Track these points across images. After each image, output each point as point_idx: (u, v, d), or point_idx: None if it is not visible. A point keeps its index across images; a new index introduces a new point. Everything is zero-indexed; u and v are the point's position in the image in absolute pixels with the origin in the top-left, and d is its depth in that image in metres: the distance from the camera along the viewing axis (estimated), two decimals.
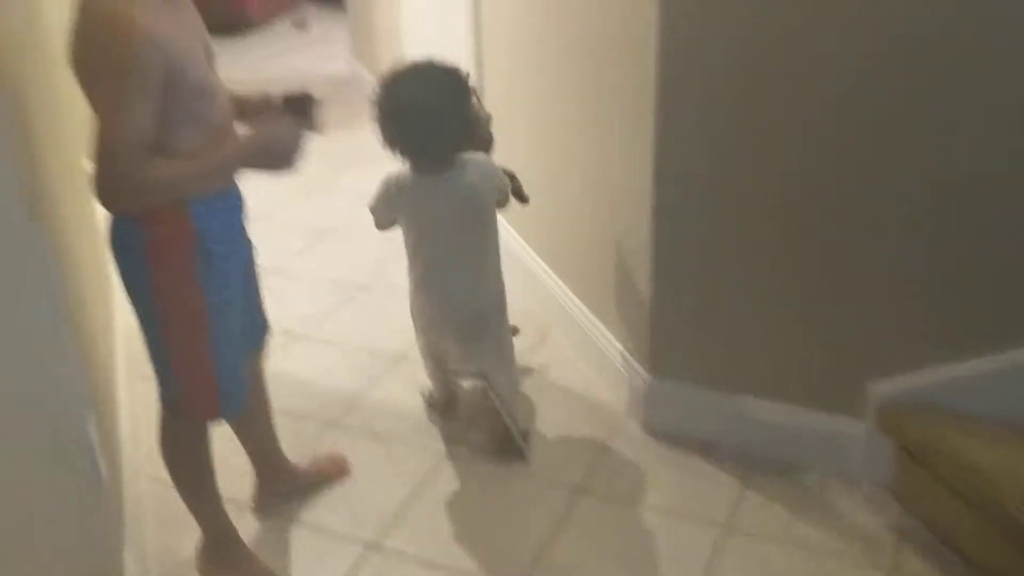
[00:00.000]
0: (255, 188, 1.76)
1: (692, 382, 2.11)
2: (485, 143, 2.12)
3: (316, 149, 1.75)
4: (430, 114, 1.89)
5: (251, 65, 5.27)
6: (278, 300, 2.22)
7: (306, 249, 3.19)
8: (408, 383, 2.42)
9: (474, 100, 1.96)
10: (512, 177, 2.15)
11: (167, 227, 1.54)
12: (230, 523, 1.82)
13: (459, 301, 2.06)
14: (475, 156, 2.03)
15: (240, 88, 1.72)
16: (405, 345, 2.50)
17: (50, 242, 1.60)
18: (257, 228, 1.78)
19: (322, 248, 3.20)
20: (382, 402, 2.36)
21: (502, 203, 2.08)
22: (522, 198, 2.21)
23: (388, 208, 2.02)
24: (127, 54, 1.37)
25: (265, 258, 1.90)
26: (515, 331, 2.31)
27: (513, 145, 2.66)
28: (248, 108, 1.71)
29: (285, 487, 2.01)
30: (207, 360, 1.63)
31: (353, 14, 4.75)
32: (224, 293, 1.62)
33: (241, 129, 1.63)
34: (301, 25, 5.92)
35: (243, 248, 1.71)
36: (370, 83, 4.59)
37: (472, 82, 1.95)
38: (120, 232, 1.54)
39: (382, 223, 2.05)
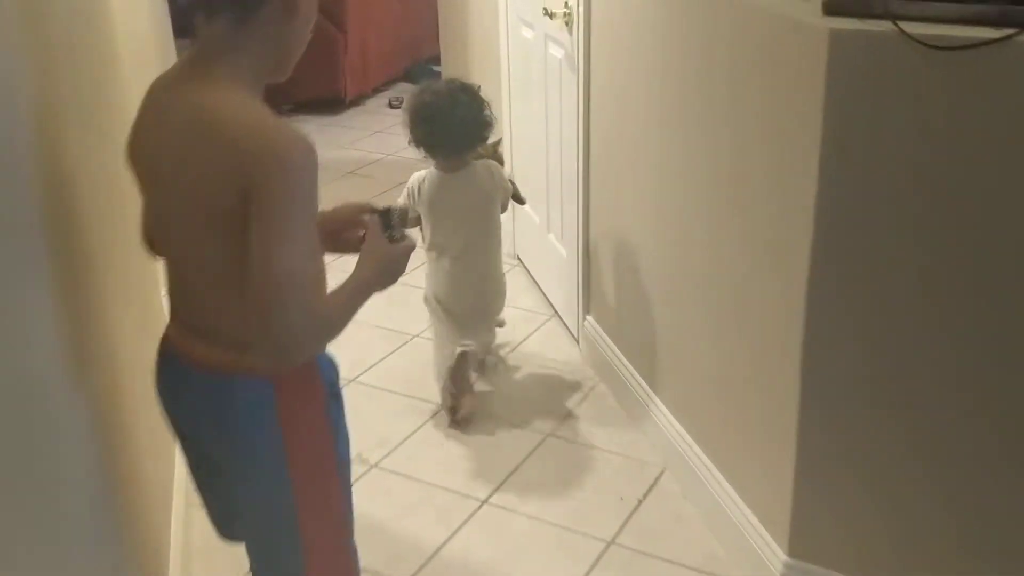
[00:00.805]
0: None
1: (841, 572, 1.80)
2: (505, 205, 2.65)
3: None
4: (452, 118, 2.39)
5: (347, 143, 5.18)
6: None
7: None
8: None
9: (487, 111, 2.46)
10: (512, 183, 2.71)
11: (299, 379, 1.34)
12: None
13: (470, 280, 2.56)
14: (487, 162, 2.57)
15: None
16: None
17: (98, 414, 1.39)
18: None
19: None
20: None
21: (504, 206, 2.62)
22: (519, 200, 2.78)
23: (412, 201, 2.50)
24: (302, 173, 1.19)
25: None
26: (501, 323, 2.90)
27: (626, 247, 2.42)
28: (337, 224, 1.55)
29: None
30: (347, 551, 1.47)
31: None
32: (347, 455, 1.46)
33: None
34: (397, 104, 5.80)
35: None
36: None
37: (484, 95, 2.49)
38: (236, 393, 1.32)
39: (410, 218, 2.46)
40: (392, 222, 1.50)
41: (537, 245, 3.36)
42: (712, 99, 2.00)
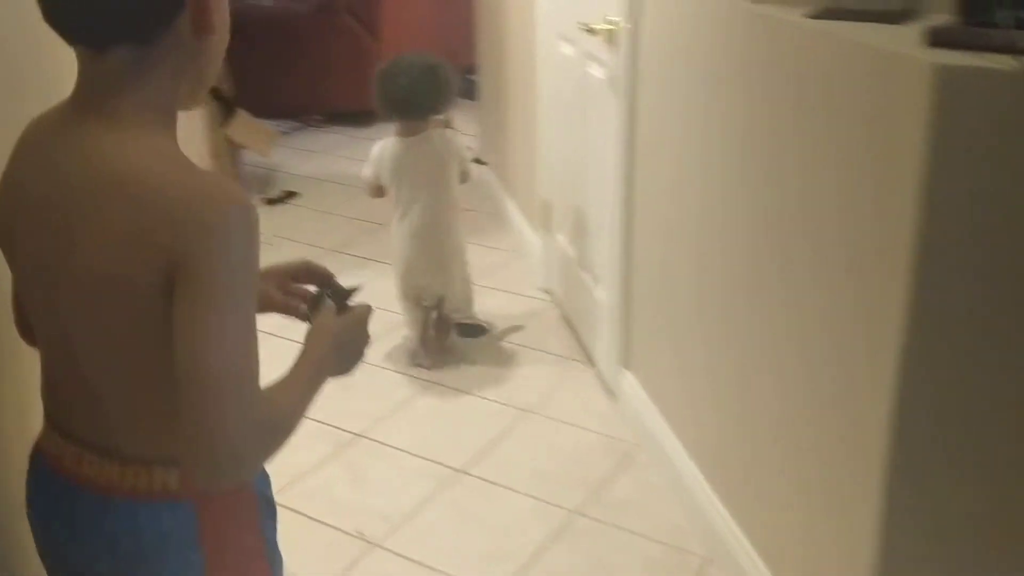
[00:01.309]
0: None
1: None
2: (464, 175, 2.89)
3: None
4: (417, 81, 2.71)
5: None
6: None
7: None
8: None
9: (448, 82, 2.81)
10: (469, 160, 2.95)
11: (226, 494, 1.07)
12: None
13: (431, 236, 2.80)
14: (442, 130, 2.86)
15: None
16: None
17: None
18: None
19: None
20: None
21: (464, 177, 2.88)
22: (467, 176, 2.92)
23: (378, 168, 2.81)
24: (241, 241, 0.93)
25: None
26: (483, 330, 3.11)
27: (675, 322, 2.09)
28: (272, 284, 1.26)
29: None
30: None
31: (484, 119, 4.28)
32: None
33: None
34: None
35: None
36: (497, 190, 4.10)
37: (450, 71, 2.82)
38: (144, 520, 1.03)
39: (373, 186, 2.85)
40: (346, 302, 1.23)
41: (570, 281, 3.04)
42: (781, 138, 1.66)
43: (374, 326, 1.21)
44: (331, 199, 4.36)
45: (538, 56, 3.09)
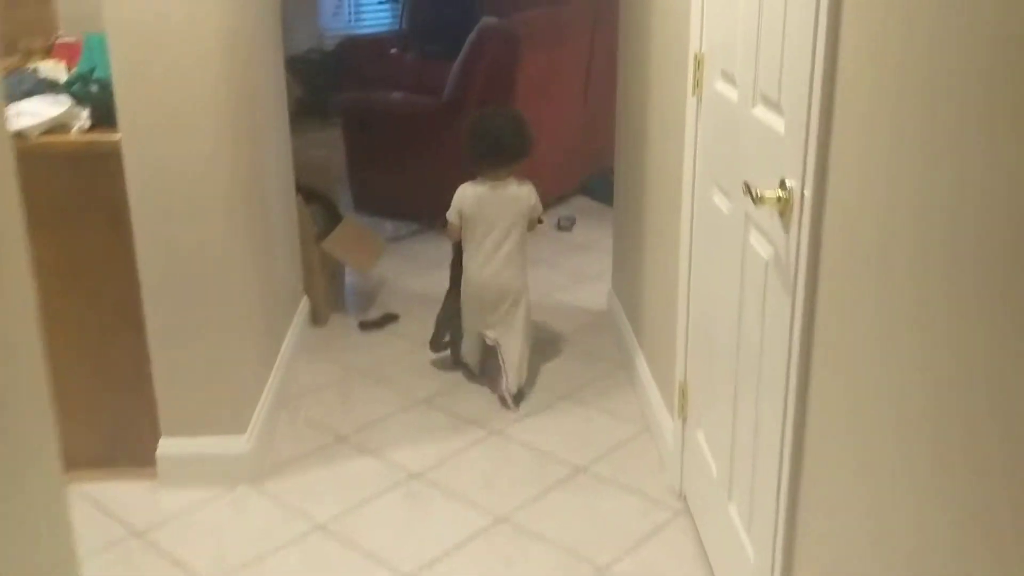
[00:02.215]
0: None
1: None
2: (531, 224, 3.20)
3: None
4: (510, 132, 3.06)
5: None
6: None
7: None
8: None
9: (530, 133, 3.10)
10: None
11: None
12: None
13: (501, 276, 3.08)
14: (524, 180, 3.12)
15: None
16: None
17: None
18: None
19: None
20: None
21: (531, 225, 3.17)
22: (539, 220, 3.22)
23: (461, 209, 3.06)
24: None
25: None
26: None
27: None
28: None
29: None
30: None
31: (619, 239, 3.60)
32: None
33: None
34: (567, 227, 4.88)
35: None
36: (626, 328, 3.41)
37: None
38: None
39: (454, 228, 3.13)
40: None
41: (709, 501, 2.29)
42: None
43: None
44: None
45: (684, 196, 2.40)
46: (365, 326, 3.74)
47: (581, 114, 5.16)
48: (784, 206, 1.64)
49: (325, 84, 7.49)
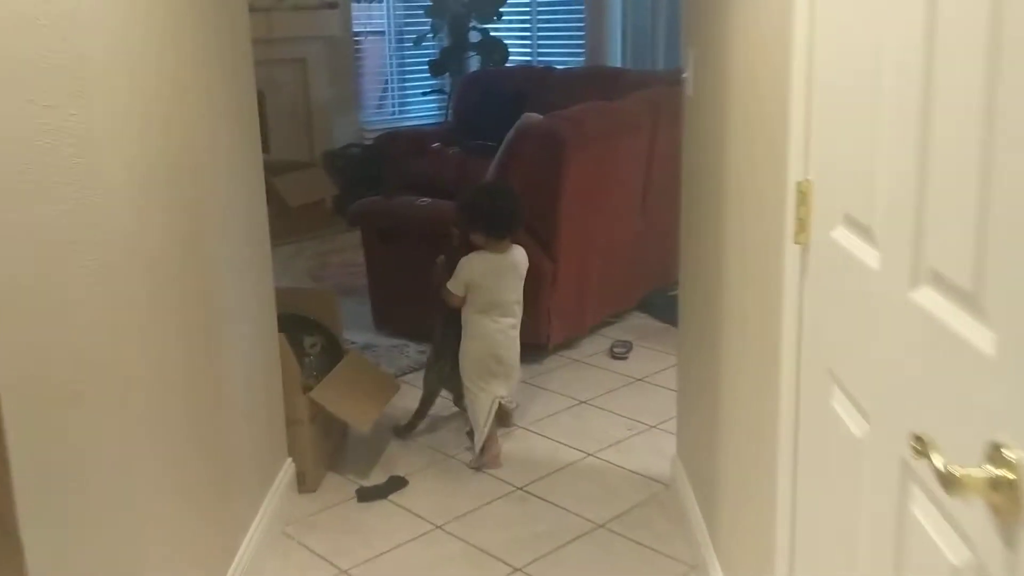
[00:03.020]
0: None
1: None
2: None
3: None
4: (514, 203, 3.24)
5: (537, 418, 3.54)
6: None
7: None
8: None
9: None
10: None
11: None
12: None
13: (509, 339, 3.25)
14: (519, 247, 3.25)
15: None
16: None
17: None
18: None
19: None
20: None
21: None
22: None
23: (469, 278, 3.15)
24: None
25: None
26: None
27: None
28: None
29: None
30: None
31: (687, 406, 2.81)
32: None
33: None
34: (622, 355, 4.11)
35: None
36: (695, 516, 2.62)
37: None
38: None
39: (458, 300, 3.20)
40: None
41: None
42: None
43: None
44: (451, 500, 2.99)
45: (783, 388, 1.63)
46: (364, 495, 2.98)
47: (639, 223, 4.43)
48: (1006, 497, 0.86)
49: (364, 181, 6.94)
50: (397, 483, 3.05)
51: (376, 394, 3.23)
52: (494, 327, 3.21)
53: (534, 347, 4.07)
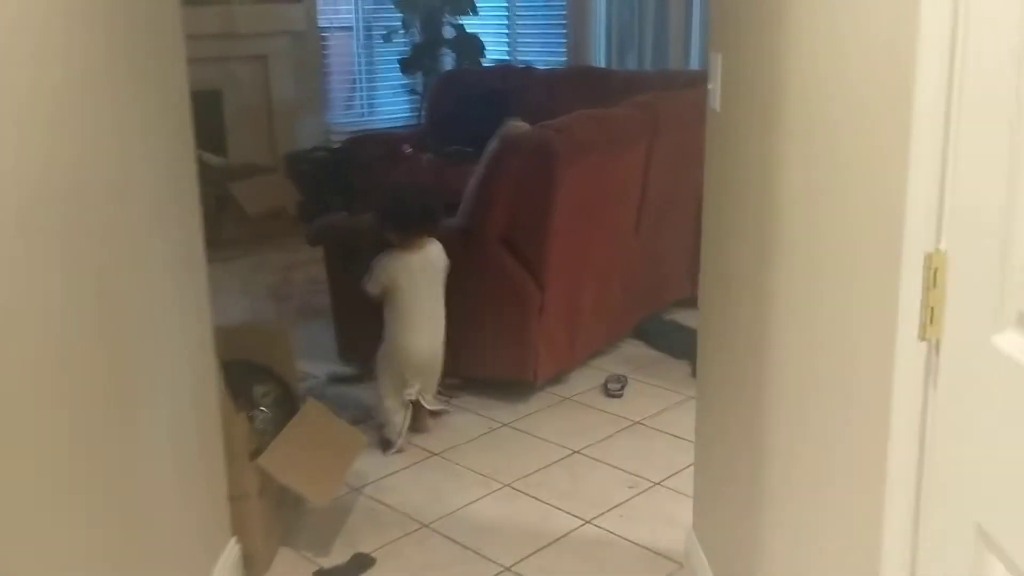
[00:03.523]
0: None
1: None
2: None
3: None
4: (433, 201, 3.31)
5: (518, 467, 3.08)
6: None
7: None
8: None
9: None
10: None
11: None
12: None
13: (430, 339, 3.23)
14: (435, 242, 3.23)
15: None
16: None
17: None
18: None
19: None
20: None
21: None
22: None
23: (387, 279, 3.14)
24: None
25: None
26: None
27: None
28: None
29: None
30: None
31: (707, 472, 2.36)
32: None
33: None
34: (616, 392, 3.66)
35: None
36: None
37: None
38: None
39: (377, 295, 3.18)
40: None
41: None
42: None
43: None
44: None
45: (892, 540, 1.18)
46: None
47: (634, 243, 3.98)
48: None
49: (330, 188, 6.44)
50: (362, 562, 2.58)
51: (338, 454, 2.76)
52: (419, 339, 3.20)
53: (519, 385, 3.62)
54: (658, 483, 3.00)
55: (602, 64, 6.45)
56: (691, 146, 4.22)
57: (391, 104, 7.26)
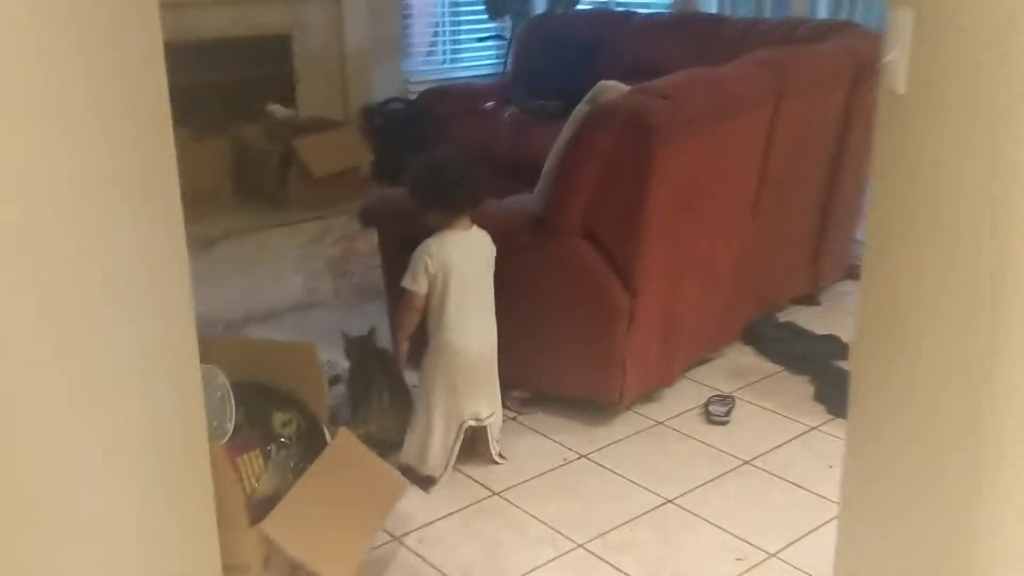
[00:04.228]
0: None
1: None
2: None
3: None
4: (475, 172, 2.64)
5: (619, 510, 2.46)
6: None
7: None
8: None
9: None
10: None
11: None
12: None
13: (482, 337, 2.64)
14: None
15: None
16: None
17: None
18: None
19: None
20: None
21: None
22: None
23: (434, 267, 2.56)
24: None
25: None
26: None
27: None
28: None
29: None
30: None
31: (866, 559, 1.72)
32: None
33: None
34: (721, 418, 3.02)
35: None
36: None
37: None
38: None
39: (419, 300, 2.60)
40: None
41: None
42: None
43: None
44: None
45: None
46: None
47: (749, 232, 3.30)
48: None
49: (405, 145, 5.87)
50: None
51: (368, 507, 2.21)
52: (469, 336, 2.62)
53: (601, 407, 3.01)
54: (774, 554, 2.37)
55: (713, 10, 5.68)
56: (823, 114, 3.56)
57: (475, 52, 6.61)
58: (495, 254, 2.68)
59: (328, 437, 2.30)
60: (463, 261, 2.59)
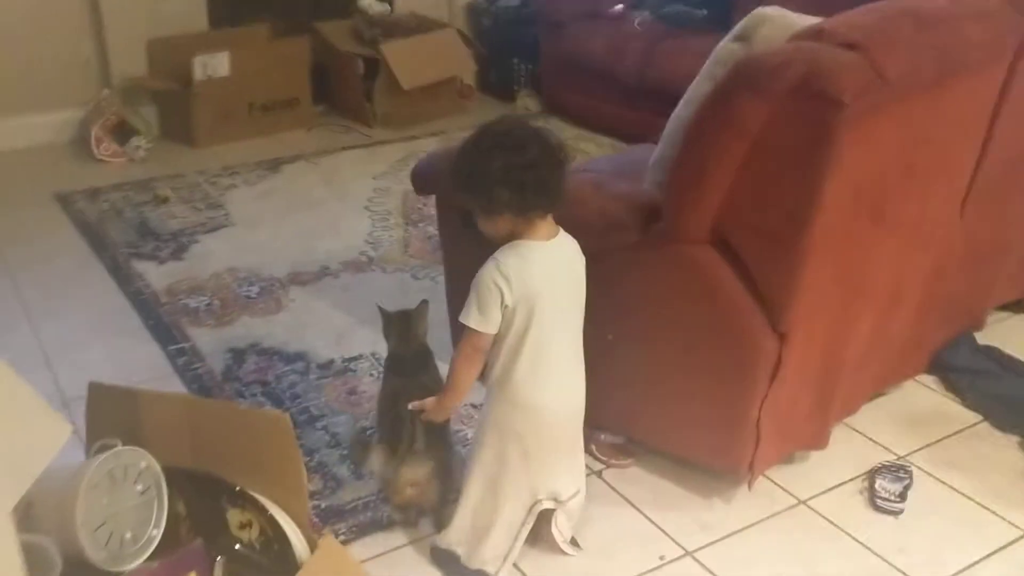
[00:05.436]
0: None
1: None
2: None
3: None
4: (559, 155, 1.74)
5: None
6: None
7: None
8: None
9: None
10: None
11: None
12: None
13: (576, 391, 1.88)
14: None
15: None
16: None
17: None
18: None
19: None
20: None
21: None
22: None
23: (511, 297, 1.73)
24: None
25: None
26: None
27: None
28: None
29: None
30: None
31: None
32: None
33: None
34: (892, 505, 2.15)
35: None
36: None
37: None
38: None
39: (491, 333, 1.76)
40: None
41: None
42: None
43: None
44: None
45: None
46: None
47: (954, 235, 2.33)
48: None
49: (515, 53, 4.99)
50: None
51: None
52: (549, 387, 1.82)
53: (724, 478, 2.17)
54: None
55: None
56: None
57: None
58: (582, 266, 1.85)
59: (297, 547, 1.57)
60: (548, 287, 1.76)
